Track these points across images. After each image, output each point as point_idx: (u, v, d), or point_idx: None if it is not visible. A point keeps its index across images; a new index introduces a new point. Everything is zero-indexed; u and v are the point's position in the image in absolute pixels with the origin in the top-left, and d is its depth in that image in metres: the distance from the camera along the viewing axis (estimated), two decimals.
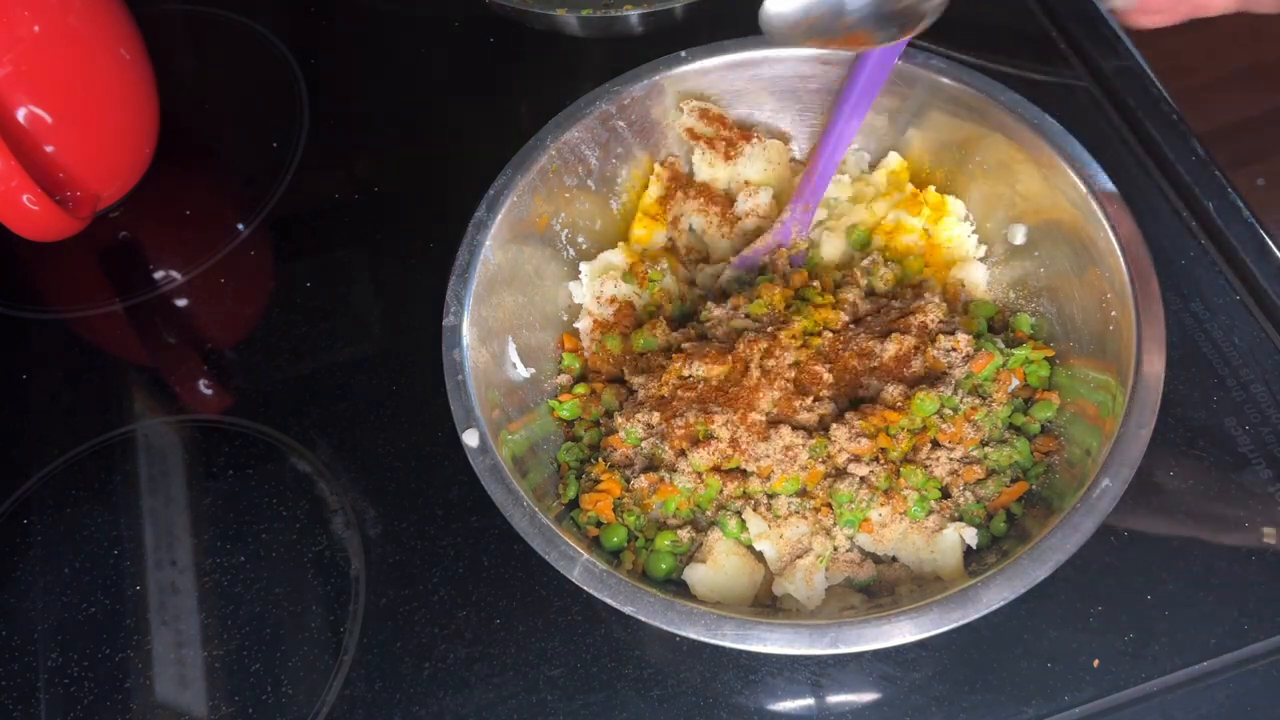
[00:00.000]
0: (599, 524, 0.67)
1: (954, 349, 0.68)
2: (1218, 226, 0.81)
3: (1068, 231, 0.70)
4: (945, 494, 0.66)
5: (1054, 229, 0.71)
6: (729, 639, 0.57)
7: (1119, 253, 0.65)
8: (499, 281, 0.71)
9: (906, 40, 0.70)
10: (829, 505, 0.65)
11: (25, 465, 0.80)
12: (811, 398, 0.67)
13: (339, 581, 0.73)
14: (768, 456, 0.65)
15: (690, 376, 0.68)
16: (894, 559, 0.66)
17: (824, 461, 0.65)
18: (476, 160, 0.77)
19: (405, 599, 0.72)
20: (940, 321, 0.70)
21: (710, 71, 0.77)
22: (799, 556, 0.64)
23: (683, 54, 0.77)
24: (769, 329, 0.69)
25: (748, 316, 0.71)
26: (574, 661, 0.69)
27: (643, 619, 0.58)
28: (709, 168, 0.80)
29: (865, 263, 0.75)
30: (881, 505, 0.64)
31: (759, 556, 0.66)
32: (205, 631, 0.72)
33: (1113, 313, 0.65)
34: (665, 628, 0.58)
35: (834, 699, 0.66)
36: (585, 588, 0.59)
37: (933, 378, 0.68)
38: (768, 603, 0.65)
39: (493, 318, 0.70)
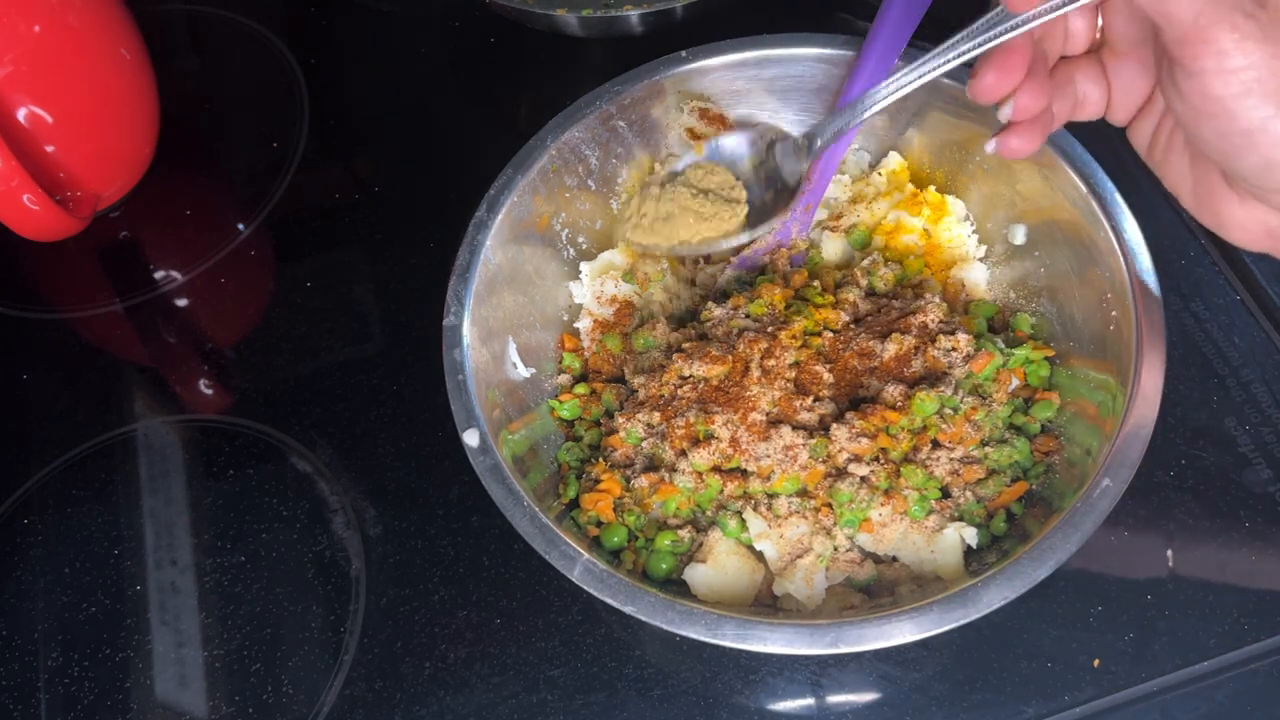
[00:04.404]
0: (599, 524, 0.67)
1: (954, 349, 0.68)
2: None
3: (1068, 231, 0.70)
4: (945, 494, 0.66)
5: (1054, 229, 0.71)
6: (729, 639, 0.57)
7: (1119, 253, 0.65)
8: (499, 281, 0.71)
9: (907, 39, 0.70)
10: (829, 505, 0.65)
11: (25, 465, 0.80)
12: (811, 398, 0.67)
13: (339, 581, 0.73)
14: (768, 456, 0.65)
15: (690, 376, 0.68)
16: (894, 559, 0.66)
17: (824, 461, 0.65)
18: (476, 160, 0.77)
19: (405, 599, 0.72)
20: (940, 321, 0.70)
21: (710, 71, 0.77)
22: (799, 556, 0.64)
23: (683, 54, 0.77)
24: (769, 329, 0.69)
25: (748, 316, 0.71)
26: (574, 661, 0.69)
27: (643, 619, 0.58)
28: None
29: (865, 263, 0.75)
30: (882, 505, 0.64)
31: (759, 556, 0.66)
32: (205, 631, 0.72)
33: (1113, 313, 0.65)
34: (665, 627, 0.57)
35: (834, 699, 0.66)
36: (585, 587, 0.59)
37: (933, 378, 0.68)
38: (768, 603, 0.65)
39: (493, 318, 0.70)
